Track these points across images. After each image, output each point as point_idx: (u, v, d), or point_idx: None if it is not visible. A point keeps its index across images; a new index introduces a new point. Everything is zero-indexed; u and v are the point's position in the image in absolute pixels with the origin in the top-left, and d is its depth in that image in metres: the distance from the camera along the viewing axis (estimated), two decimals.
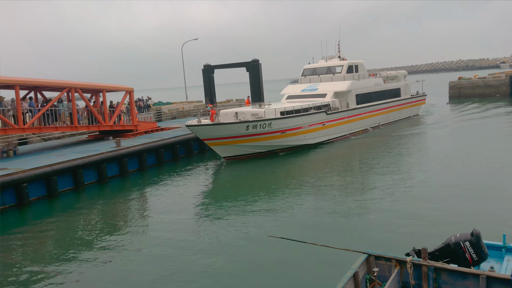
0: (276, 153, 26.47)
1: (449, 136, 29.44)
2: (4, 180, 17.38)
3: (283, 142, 26.30)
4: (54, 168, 19.32)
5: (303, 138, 27.35)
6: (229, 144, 24.64)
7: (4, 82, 22.00)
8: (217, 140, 24.41)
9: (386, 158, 23.35)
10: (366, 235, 12.68)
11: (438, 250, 7.74)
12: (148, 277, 11.05)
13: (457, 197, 15.58)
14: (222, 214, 15.79)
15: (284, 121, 25.66)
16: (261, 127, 24.65)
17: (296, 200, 16.70)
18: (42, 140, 28.97)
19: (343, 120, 30.85)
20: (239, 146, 24.98)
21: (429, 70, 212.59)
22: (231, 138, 24.44)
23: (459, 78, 64.71)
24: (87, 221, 16.48)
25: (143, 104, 39.74)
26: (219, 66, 44.99)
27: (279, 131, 25.60)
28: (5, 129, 21.86)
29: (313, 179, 19.98)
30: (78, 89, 24.98)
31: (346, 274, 7.29)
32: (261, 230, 13.68)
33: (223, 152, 25.11)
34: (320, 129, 28.54)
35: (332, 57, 36.64)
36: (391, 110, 37.65)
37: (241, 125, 24.09)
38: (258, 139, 25.07)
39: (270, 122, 24.85)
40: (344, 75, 33.63)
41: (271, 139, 25.61)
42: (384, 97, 36.64)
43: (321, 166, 23.01)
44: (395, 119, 38.37)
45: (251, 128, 24.32)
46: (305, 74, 36.15)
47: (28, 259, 12.79)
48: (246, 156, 25.58)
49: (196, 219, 15.54)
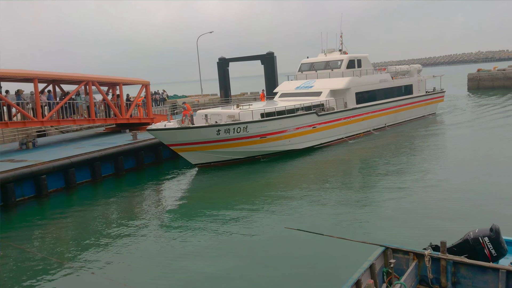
0: (257, 159, 23.51)
1: (469, 134, 27.69)
2: (24, 172, 17.72)
3: (263, 147, 23.26)
4: (72, 160, 19.61)
5: (288, 143, 24.13)
6: (199, 150, 21.78)
7: (23, 75, 22.38)
8: (185, 146, 21.54)
9: (394, 158, 23.09)
10: (383, 229, 12.59)
11: (456, 245, 7.66)
12: (166, 269, 11.18)
13: (476, 192, 15.35)
14: (244, 203, 15.84)
15: (263, 124, 22.52)
16: (235, 131, 21.60)
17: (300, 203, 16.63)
18: (60, 132, 29.43)
19: (339, 122, 27.27)
20: (211, 153, 22.12)
21: (447, 62, 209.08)
22: (201, 144, 21.56)
23: (478, 70, 63.54)
24: (104, 214, 16.71)
25: (159, 98, 40.00)
26: (234, 59, 44.93)
27: (258, 136, 22.51)
28: (25, 121, 22.25)
29: (302, 185, 19.86)
30: (96, 83, 25.25)
31: (362, 266, 7.27)
32: (279, 222, 13.70)
33: (194, 158, 22.20)
34: (309, 132, 25.16)
35: (333, 51, 32.97)
36: (401, 109, 33.65)
37: (210, 130, 21.13)
38: (232, 145, 22.09)
39: (246, 126, 21.79)
40: (343, 70, 29.96)
41: (249, 145, 22.58)
42: (391, 94, 32.68)
43: (308, 172, 20.75)
44: (405, 119, 34.44)
45: (223, 132, 21.35)
46: (302, 69, 32.65)
47: (46, 250, 13.04)
48: (221, 163, 22.70)
49: (214, 212, 15.62)
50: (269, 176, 20.40)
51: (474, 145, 24.22)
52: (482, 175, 17.58)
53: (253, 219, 14.34)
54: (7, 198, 17.16)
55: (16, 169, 17.66)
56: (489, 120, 32.44)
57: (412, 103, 35.10)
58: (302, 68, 32.69)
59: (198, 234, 13.41)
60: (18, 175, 17.42)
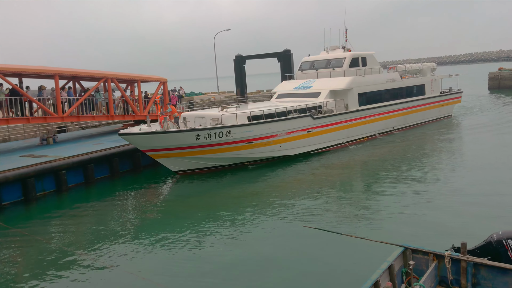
0: (244, 166, 21.70)
1: (487, 138, 25.78)
2: (44, 167, 18.06)
3: (250, 154, 21.32)
4: (91, 156, 19.91)
5: (279, 148, 22.08)
6: (177, 156, 20.09)
7: (44, 71, 22.81)
8: (162, 152, 19.88)
9: (400, 163, 22.71)
10: (402, 230, 12.44)
11: (479, 248, 7.54)
12: (183, 264, 11.26)
13: (500, 194, 15.02)
14: (265, 202, 15.87)
15: (249, 129, 20.59)
16: (217, 136, 19.78)
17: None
18: (79, 128, 29.89)
19: (338, 126, 25.04)
20: (191, 159, 20.37)
21: (467, 60, 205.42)
22: (179, 150, 19.83)
23: (499, 69, 62.30)
24: (122, 209, 16.94)
25: (176, 95, 40.28)
26: (251, 57, 44.92)
27: (244, 141, 20.63)
28: (45, 117, 22.69)
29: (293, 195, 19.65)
30: (114, 79, 25.56)
31: (381, 266, 7.21)
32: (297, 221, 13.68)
33: (173, 165, 20.48)
34: (303, 137, 23.05)
35: (336, 48, 30.61)
36: (411, 111, 31.20)
37: (189, 134, 19.30)
38: (215, 151, 20.32)
39: (229, 130, 19.97)
40: (345, 69, 27.81)
41: (233, 151, 20.68)
42: (400, 95, 30.35)
43: (304, 178, 19.59)
44: (416, 122, 32.04)
45: (204, 137, 19.54)
46: (302, 68, 30.54)
47: (64, 242, 13.28)
48: (204, 170, 21.01)
49: (238, 208, 15.68)
50: (258, 185, 18.90)
51: (494, 150, 22.74)
52: (507, 179, 17.14)
53: (271, 217, 14.34)
54: (27, 192, 17.51)
55: (36, 164, 18.02)
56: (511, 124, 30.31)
57: (424, 104, 32.72)
58: (302, 66, 30.69)
59: (225, 225, 13.48)
60: (38, 170, 17.76)
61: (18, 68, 21.86)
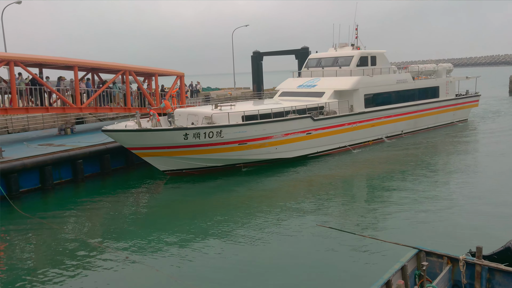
0: (238, 168, 20.66)
1: (505, 144, 24.95)
2: (62, 155, 18.35)
3: (243, 155, 20.26)
4: (107, 146, 20.16)
5: (275, 150, 20.93)
6: (165, 155, 19.20)
7: (64, 62, 23.13)
8: (148, 150, 18.91)
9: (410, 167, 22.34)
10: (417, 233, 12.30)
11: (497, 253, 7.41)
12: (199, 260, 11.33)
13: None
14: (279, 203, 15.88)
15: (242, 129, 19.52)
16: (207, 136, 18.78)
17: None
18: (97, 120, 30.25)
19: (341, 128, 23.70)
20: (179, 159, 19.43)
21: (488, 63, 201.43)
22: (167, 149, 18.88)
23: None
24: (136, 199, 17.14)
25: (193, 89, 40.51)
26: (268, 53, 44.87)
27: (236, 142, 19.60)
28: (64, 107, 23.03)
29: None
30: (132, 72, 25.76)
31: (393, 266, 7.15)
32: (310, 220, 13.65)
33: (161, 164, 19.58)
34: (303, 139, 21.84)
35: (345, 45, 28.85)
36: (423, 114, 29.66)
37: (176, 133, 18.39)
38: (204, 151, 19.36)
39: (220, 130, 18.96)
40: (352, 69, 26.26)
41: (225, 151, 19.68)
42: (411, 97, 28.87)
43: (300, 182, 18.65)
44: (429, 126, 30.52)
45: (192, 137, 18.57)
46: (308, 65, 29.18)
47: (79, 231, 13.50)
48: (197, 171, 20.11)
49: (253, 206, 15.72)
50: (254, 188, 18.13)
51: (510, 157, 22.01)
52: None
53: (287, 217, 14.34)
54: (45, 180, 17.83)
55: (54, 152, 18.31)
56: None
57: (437, 107, 30.98)
58: (308, 64, 29.27)
59: (240, 222, 13.54)
60: (56, 158, 18.06)
61: (39, 58, 22.24)
